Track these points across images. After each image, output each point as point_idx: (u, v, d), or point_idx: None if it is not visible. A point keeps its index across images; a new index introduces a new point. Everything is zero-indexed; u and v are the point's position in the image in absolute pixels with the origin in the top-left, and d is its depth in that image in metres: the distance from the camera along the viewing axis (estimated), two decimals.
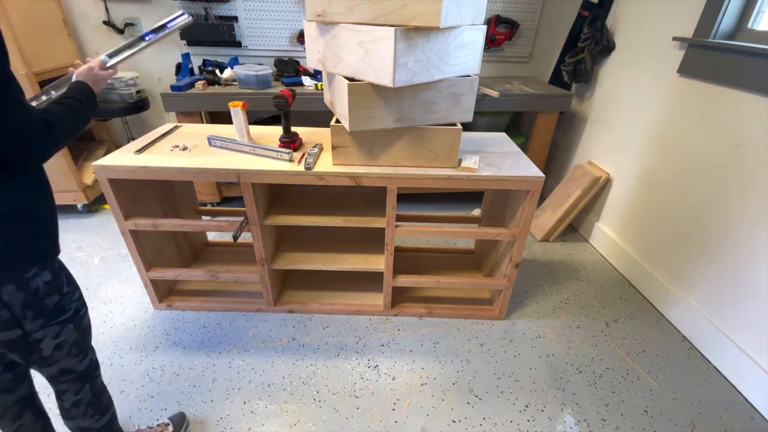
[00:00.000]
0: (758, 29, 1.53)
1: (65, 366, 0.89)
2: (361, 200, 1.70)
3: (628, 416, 1.38)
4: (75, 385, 0.93)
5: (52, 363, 0.86)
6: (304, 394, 1.41)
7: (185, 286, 1.86)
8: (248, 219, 1.47)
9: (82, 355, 0.92)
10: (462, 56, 1.23)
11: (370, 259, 1.68)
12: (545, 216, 2.41)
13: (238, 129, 1.53)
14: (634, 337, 1.70)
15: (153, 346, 1.59)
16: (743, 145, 1.47)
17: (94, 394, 0.98)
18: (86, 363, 0.94)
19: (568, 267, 2.15)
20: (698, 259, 1.66)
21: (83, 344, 0.91)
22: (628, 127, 2.06)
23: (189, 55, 2.31)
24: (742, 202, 1.47)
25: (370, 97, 1.22)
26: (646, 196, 1.95)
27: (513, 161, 1.49)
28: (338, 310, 1.76)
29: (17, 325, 0.76)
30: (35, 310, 0.77)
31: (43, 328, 0.80)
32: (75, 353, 0.89)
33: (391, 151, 1.38)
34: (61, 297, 0.81)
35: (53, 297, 0.79)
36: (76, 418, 0.97)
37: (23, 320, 0.76)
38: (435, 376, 1.50)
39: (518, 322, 1.77)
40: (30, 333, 0.78)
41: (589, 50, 2.22)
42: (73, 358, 0.89)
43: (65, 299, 0.82)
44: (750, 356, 1.44)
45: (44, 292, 0.77)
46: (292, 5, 2.41)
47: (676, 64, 1.75)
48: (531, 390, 1.46)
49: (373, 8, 1.12)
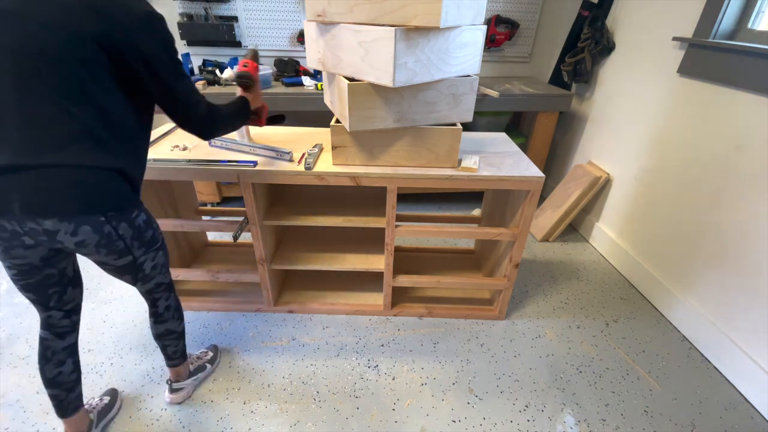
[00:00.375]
0: (758, 29, 1.53)
1: (159, 280, 1.15)
2: (361, 200, 1.70)
3: (628, 416, 1.38)
4: (166, 293, 1.20)
5: (151, 279, 1.12)
6: (304, 394, 1.41)
7: (185, 286, 1.86)
8: (248, 219, 1.47)
9: (167, 272, 1.19)
10: (462, 56, 1.23)
11: (370, 259, 1.68)
12: (545, 216, 2.41)
13: (238, 129, 1.53)
14: (634, 337, 1.70)
15: (153, 346, 1.59)
16: (743, 145, 1.47)
17: (177, 302, 1.26)
18: (169, 277, 1.22)
19: (568, 267, 2.15)
20: (698, 259, 1.66)
21: (167, 264, 1.17)
22: (628, 127, 2.06)
23: (189, 55, 2.31)
24: (742, 202, 1.47)
25: (370, 97, 1.22)
26: (646, 196, 1.95)
27: (513, 161, 1.49)
28: (338, 310, 1.76)
29: (129, 253, 1.00)
30: (139, 240, 1.00)
31: (145, 254, 1.04)
32: (164, 271, 1.16)
33: (391, 151, 1.38)
34: (153, 231, 1.05)
35: (149, 231, 1.03)
36: (167, 321, 1.23)
37: (132, 248, 1.00)
38: (435, 376, 1.50)
39: (518, 322, 1.77)
40: (137, 258, 1.03)
41: (589, 50, 2.22)
42: (163, 274, 1.16)
43: (156, 232, 1.07)
44: (750, 356, 1.44)
45: (144, 227, 1.01)
46: (292, 5, 2.41)
47: (676, 64, 1.75)
48: (531, 390, 1.46)
49: (373, 8, 1.12)
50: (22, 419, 1.30)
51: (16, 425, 1.29)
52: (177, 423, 1.31)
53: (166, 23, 0.92)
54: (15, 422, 1.29)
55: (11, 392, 1.39)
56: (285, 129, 1.76)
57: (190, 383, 1.39)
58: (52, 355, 1.09)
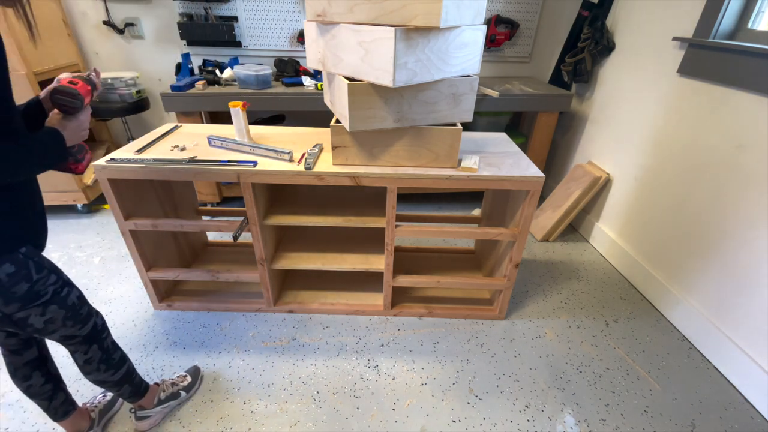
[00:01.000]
0: (758, 29, 1.53)
1: (65, 333, 0.94)
2: (361, 200, 1.70)
3: (628, 416, 1.38)
4: (82, 347, 1.00)
5: (50, 333, 0.91)
6: (304, 394, 1.41)
7: (185, 286, 1.86)
8: (248, 219, 1.47)
9: (80, 324, 0.96)
10: (462, 56, 1.23)
11: (370, 259, 1.68)
12: (545, 216, 2.41)
13: (238, 129, 1.53)
14: (634, 337, 1.70)
15: (153, 346, 1.59)
16: (743, 145, 1.47)
17: (104, 353, 1.05)
18: (88, 328, 0.99)
19: (568, 267, 2.15)
20: (698, 259, 1.66)
21: (77, 316, 0.95)
22: (628, 127, 2.06)
23: (189, 55, 2.31)
24: (742, 201, 1.47)
25: (370, 97, 1.22)
26: (646, 196, 1.95)
27: (513, 161, 1.49)
28: (338, 310, 1.76)
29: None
30: (4, 297, 0.81)
31: (22, 310, 0.84)
32: (71, 324, 0.94)
33: (391, 151, 1.38)
34: (31, 284, 0.84)
35: (21, 285, 0.82)
36: (92, 373, 1.06)
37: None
38: (435, 376, 1.50)
39: (518, 322, 1.77)
40: (11, 314, 0.83)
41: (589, 50, 2.22)
42: (70, 328, 0.94)
43: (38, 285, 0.85)
44: (750, 356, 1.44)
45: (9, 282, 0.80)
46: (292, 5, 2.41)
47: (676, 64, 1.75)
48: (531, 390, 1.46)
49: (373, 8, 1.12)
50: (22, 419, 1.30)
51: (16, 425, 1.29)
52: (177, 423, 1.31)
53: None
54: (15, 422, 1.29)
55: (11, 392, 1.39)
56: (285, 129, 1.76)
57: (159, 411, 1.28)
58: (14, 370, 1.04)
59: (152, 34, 2.46)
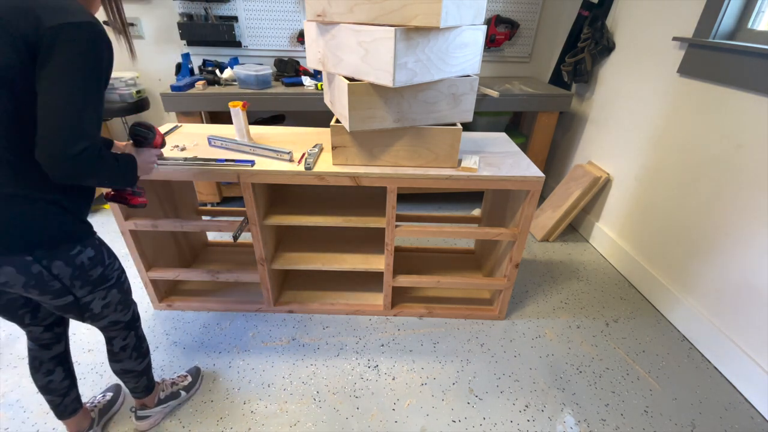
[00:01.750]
0: (758, 29, 1.53)
1: (114, 318, 1.04)
2: (361, 200, 1.70)
3: (628, 416, 1.38)
4: (123, 332, 1.10)
5: (102, 317, 1.01)
6: (304, 394, 1.41)
7: (185, 286, 1.86)
8: (248, 219, 1.47)
9: (127, 309, 1.08)
10: (462, 56, 1.23)
11: (370, 259, 1.68)
12: (545, 216, 2.41)
13: (238, 129, 1.53)
14: (634, 337, 1.70)
15: (153, 346, 1.59)
16: (743, 145, 1.47)
17: (138, 340, 1.15)
18: (131, 314, 1.10)
19: (568, 267, 2.15)
20: (698, 259, 1.66)
21: (127, 302, 1.07)
22: (628, 127, 2.06)
23: (189, 55, 2.31)
24: (742, 201, 1.47)
25: (370, 97, 1.22)
26: (646, 196, 1.95)
27: (513, 161, 1.49)
28: (338, 310, 1.76)
29: (68, 293, 0.89)
30: (82, 280, 0.90)
31: (91, 294, 0.94)
32: (120, 308, 1.05)
33: (391, 151, 1.38)
34: (104, 268, 0.94)
35: (97, 269, 0.92)
36: (123, 361, 1.13)
37: (73, 288, 0.89)
38: (435, 376, 1.50)
39: (518, 322, 1.77)
40: (80, 297, 0.92)
41: (589, 50, 2.22)
42: (119, 313, 1.05)
43: (108, 269, 0.96)
44: (750, 356, 1.44)
45: (89, 265, 0.90)
46: (292, 5, 2.41)
47: (676, 64, 1.75)
48: (531, 390, 1.46)
49: (373, 8, 1.12)
50: (22, 419, 1.30)
51: (16, 425, 1.29)
52: (177, 423, 1.31)
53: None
54: (15, 422, 1.29)
55: (11, 392, 1.39)
56: (285, 129, 1.76)
57: (159, 411, 1.28)
58: (39, 364, 1.08)
59: (152, 34, 2.46)
